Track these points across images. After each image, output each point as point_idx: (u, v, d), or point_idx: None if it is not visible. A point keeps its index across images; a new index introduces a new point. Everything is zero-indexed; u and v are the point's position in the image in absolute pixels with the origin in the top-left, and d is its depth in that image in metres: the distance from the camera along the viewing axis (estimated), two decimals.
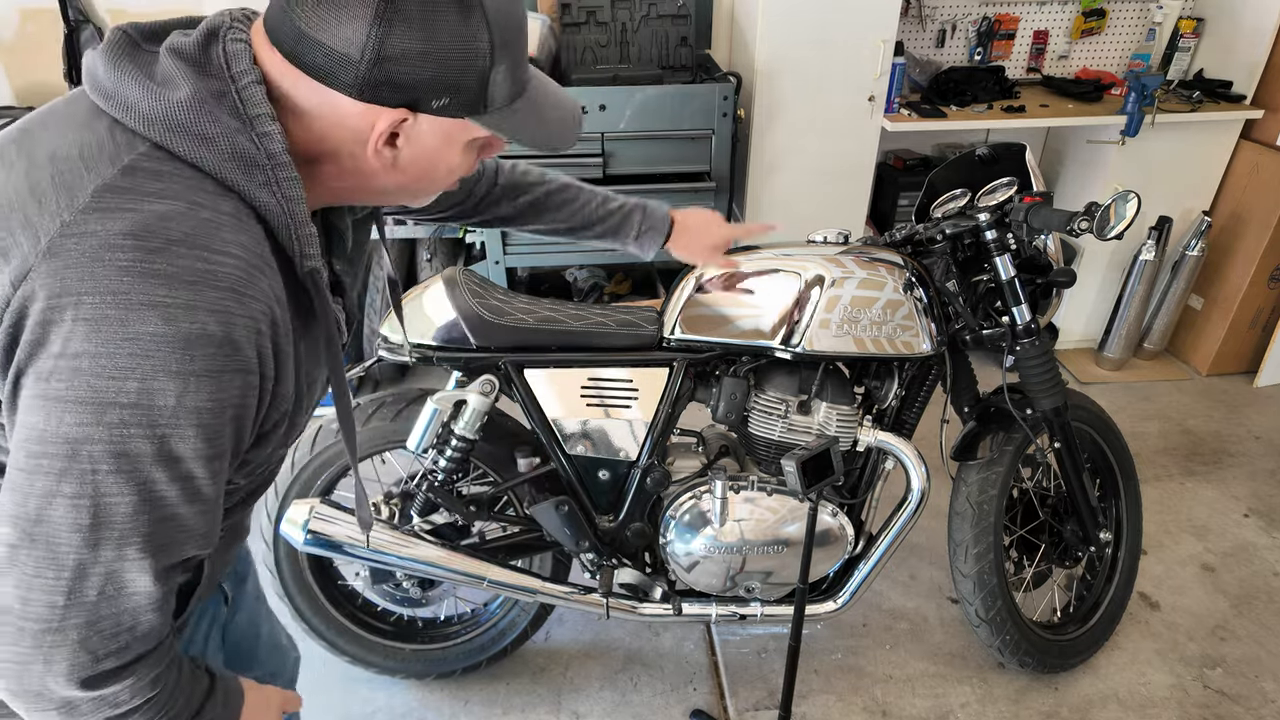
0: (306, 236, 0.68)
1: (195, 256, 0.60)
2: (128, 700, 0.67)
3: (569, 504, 1.62)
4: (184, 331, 0.59)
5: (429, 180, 0.76)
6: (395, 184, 0.75)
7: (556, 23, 2.63)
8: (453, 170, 0.76)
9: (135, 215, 0.60)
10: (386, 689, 1.92)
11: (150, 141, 0.63)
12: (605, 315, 1.61)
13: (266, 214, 0.66)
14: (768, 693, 1.93)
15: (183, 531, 0.66)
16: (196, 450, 0.63)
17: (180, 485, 0.63)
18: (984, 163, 1.67)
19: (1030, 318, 1.61)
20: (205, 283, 0.60)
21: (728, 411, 1.60)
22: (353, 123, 0.67)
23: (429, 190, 0.79)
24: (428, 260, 2.94)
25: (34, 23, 2.68)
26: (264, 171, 0.65)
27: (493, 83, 0.69)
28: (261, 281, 0.64)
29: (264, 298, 0.64)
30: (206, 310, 0.60)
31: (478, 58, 0.66)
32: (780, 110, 2.71)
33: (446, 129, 0.70)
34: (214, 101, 0.64)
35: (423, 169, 0.74)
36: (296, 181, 0.66)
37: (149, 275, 0.58)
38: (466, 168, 0.78)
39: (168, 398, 0.60)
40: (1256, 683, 1.96)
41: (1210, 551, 2.37)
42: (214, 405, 0.62)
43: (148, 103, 0.63)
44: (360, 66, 0.64)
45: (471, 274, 1.61)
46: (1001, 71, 3.06)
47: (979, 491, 1.78)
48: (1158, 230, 2.97)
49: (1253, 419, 2.98)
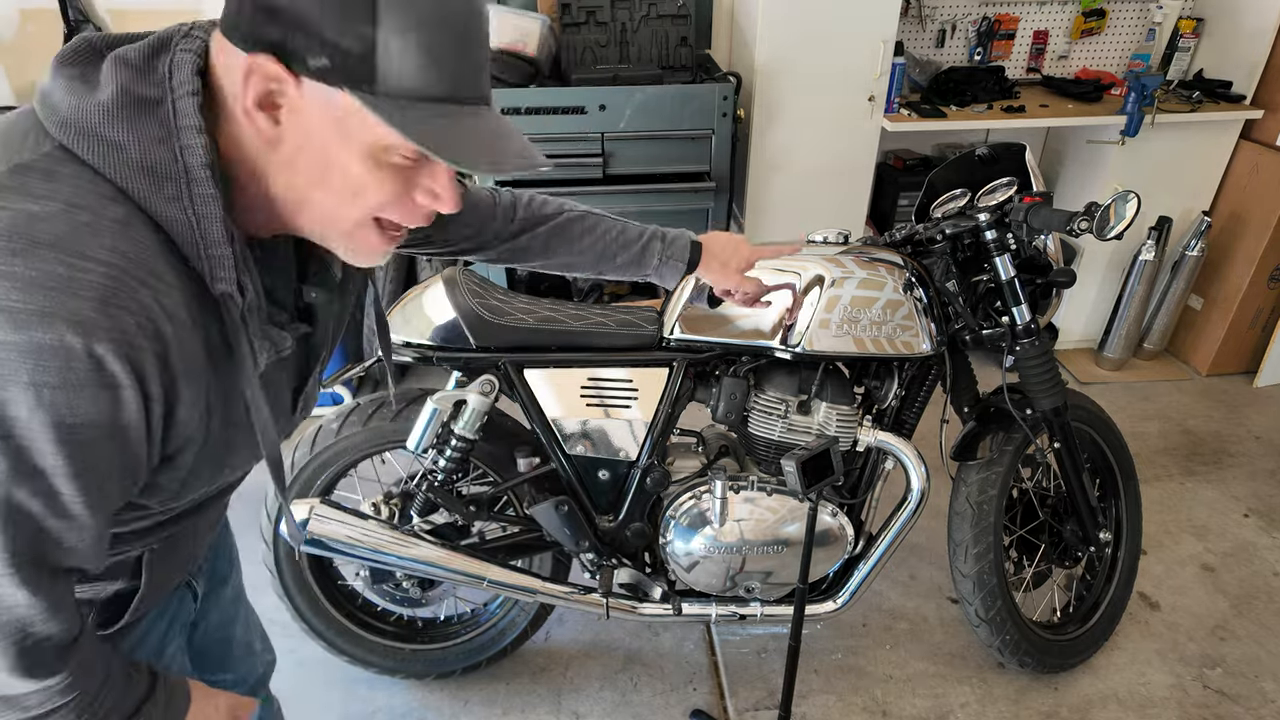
0: (217, 258, 0.64)
1: (60, 261, 0.56)
2: (36, 705, 0.67)
3: (569, 504, 1.62)
4: (35, 340, 0.55)
5: (326, 185, 0.67)
6: (291, 184, 0.67)
7: (556, 23, 2.63)
8: (358, 186, 0.66)
9: (5, 214, 0.57)
10: (386, 689, 1.92)
11: (58, 143, 0.61)
12: (605, 315, 1.61)
13: (172, 230, 0.63)
14: (768, 693, 1.93)
15: (56, 546, 0.63)
16: (58, 466, 0.60)
17: (44, 500, 0.61)
18: (984, 163, 1.67)
19: (1030, 318, 1.61)
20: (66, 290, 0.56)
21: (728, 411, 1.60)
22: (238, 77, 0.62)
23: (333, 208, 0.68)
24: (428, 260, 2.94)
25: (34, 23, 2.68)
26: (176, 185, 0.62)
27: (381, 52, 0.60)
28: (141, 294, 0.59)
29: (141, 311, 0.59)
30: (64, 320, 0.56)
31: (358, 9, 0.59)
32: (780, 110, 2.71)
33: (335, 110, 0.62)
34: (140, 108, 0.62)
35: (314, 164, 0.65)
36: (214, 199, 0.63)
37: (5, 278, 0.55)
38: (379, 192, 0.67)
39: (19, 408, 0.56)
40: (1256, 683, 1.96)
41: (1210, 551, 2.37)
42: (75, 421, 0.59)
43: (67, 105, 0.61)
44: (246, 7, 0.60)
45: (471, 274, 1.61)
46: (1001, 71, 3.06)
47: (979, 491, 1.78)
48: (1157, 230, 2.97)
49: (1253, 419, 2.98)
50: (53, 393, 0.57)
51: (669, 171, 2.59)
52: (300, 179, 0.66)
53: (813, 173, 2.83)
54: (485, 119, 0.68)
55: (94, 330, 0.57)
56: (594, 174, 2.54)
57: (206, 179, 0.62)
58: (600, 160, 2.52)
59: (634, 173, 2.57)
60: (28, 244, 0.56)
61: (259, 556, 1.73)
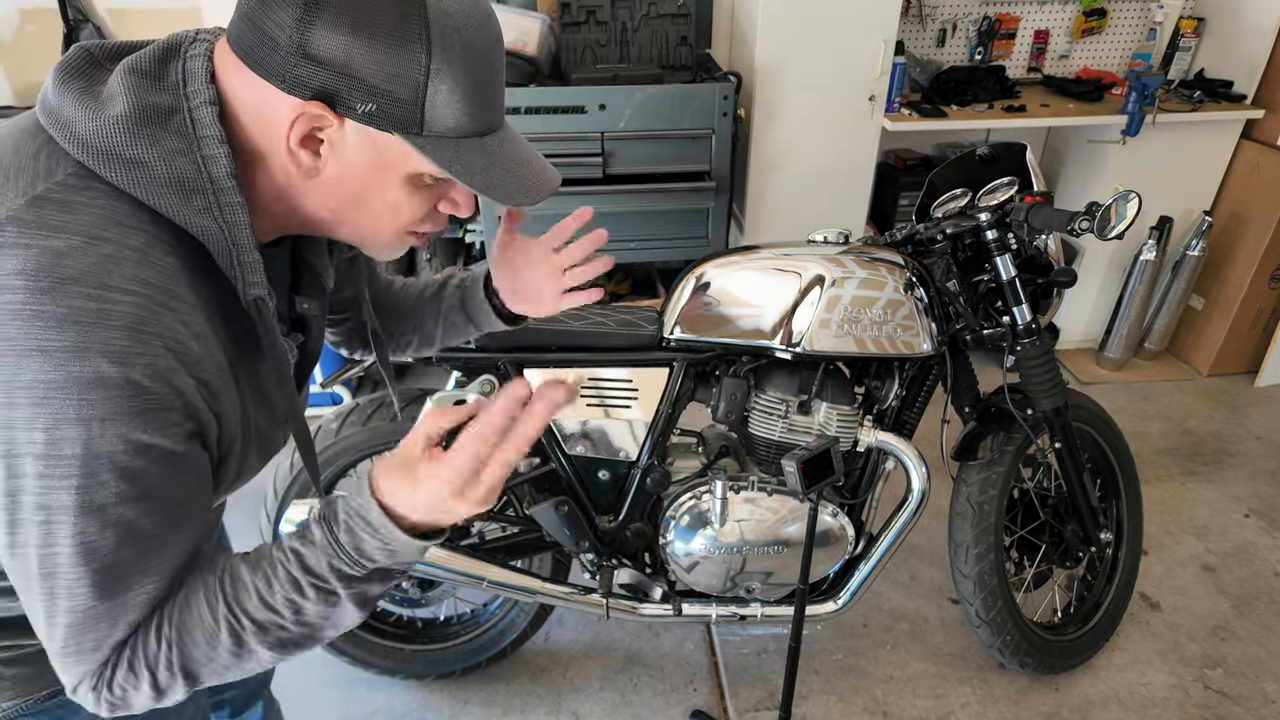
0: (250, 264, 0.66)
1: (88, 296, 0.57)
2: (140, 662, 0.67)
3: (569, 504, 1.62)
4: (75, 375, 0.56)
5: (365, 208, 0.70)
6: (327, 206, 0.70)
7: (556, 22, 2.63)
8: (396, 206, 0.70)
9: (29, 253, 0.57)
10: (386, 689, 1.92)
11: (78, 163, 0.61)
12: (605, 315, 1.61)
13: (206, 239, 0.64)
14: (768, 693, 1.93)
15: (133, 570, 0.64)
16: (120, 494, 0.60)
17: (115, 531, 0.61)
18: (984, 162, 1.66)
19: (1031, 318, 1.60)
20: (98, 324, 0.57)
21: (728, 411, 1.60)
22: (279, 115, 0.63)
23: (373, 227, 0.72)
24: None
25: (34, 23, 2.68)
26: (204, 196, 0.63)
27: (431, 101, 0.63)
28: (167, 318, 0.61)
29: (170, 334, 0.61)
30: (99, 352, 0.57)
31: (411, 65, 0.62)
32: (780, 110, 2.71)
33: (378, 146, 0.65)
34: (157, 120, 0.62)
35: (353, 191, 0.69)
36: (241, 207, 0.65)
37: (36, 317, 0.56)
38: (415, 210, 0.72)
39: (74, 446, 0.57)
40: (1257, 683, 1.96)
41: (1211, 552, 2.37)
42: (129, 447, 0.59)
43: (84, 122, 0.61)
44: (285, 48, 0.60)
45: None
46: (1002, 71, 3.06)
47: (979, 492, 1.77)
48: (1158, 230, 2.97)
49: (1253, 419, 2.98)
50: (102, 425, 0.58)
51: (669, 171, 2.59)
52: (339, 203, 0.70)
53: (813, 173, 2.83)
54: (509, 143, 0.72)
55: (128, 358, 0.58)
56: (594, 174, 2.54)
57: (233, 189, 0.64)
58: (600, 160, 2.52)
59: (634, 172, 2.57)
60: (55, 281, 0.57)
61: None
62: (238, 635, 0.68)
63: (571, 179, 2.54)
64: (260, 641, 0.69)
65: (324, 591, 0.69)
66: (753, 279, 1.54)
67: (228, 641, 0.68)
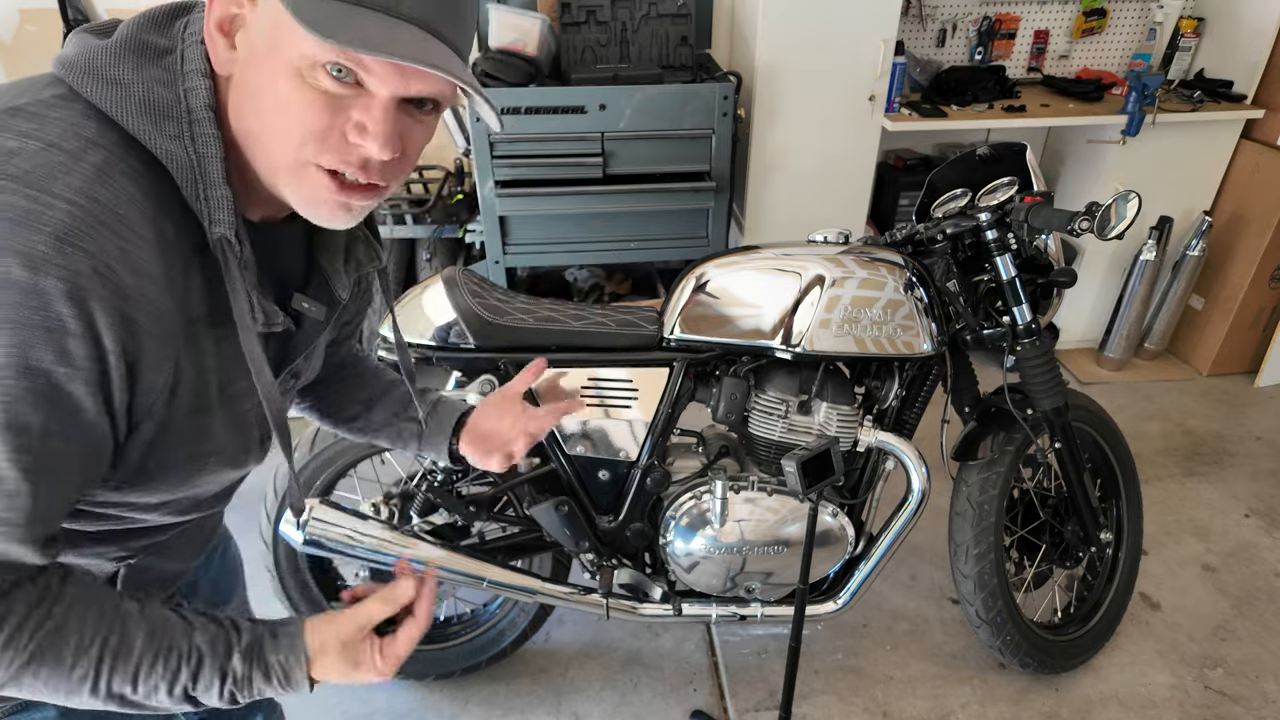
0: (217, 199, 0.63)
1: (22, 195, 0.55)
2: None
3: (569, 504, 1.62)
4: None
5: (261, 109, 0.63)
6: (239, 119, 0.65)
7: (556, 22, 2.63)
8: (284, 105, 0.61)
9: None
10: (386, 689, 1.92)
11: (67, 86, 0.62)
12: (605, 315, 1.61)
13: (172, 166, 0.62)
14: (768, 693, 1.93)
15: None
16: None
17: None
18: (984, 162, 1.66)
19: (1031, 318, 1.60)
20: (24, 223, 0.54)
21: (728, 411, 1.60)
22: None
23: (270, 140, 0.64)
24: (427, 260, 2.94)
25: (34, 23, 2.68)
26: (178, 124, 0.62)
27: None
28: (103, 238, 0.57)
29: (100, 255, 0.56)
30: (14, 251, 0.53)
31: None
32: (780, 110, 2.71)
33: (274, 19, 0.60)
34: (148, 54, 0.63)
35: (255, 90, 0.63)
36: (214, 139, 0.63)
37: None
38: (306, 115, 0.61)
39: None
40: (1257, 683, 1.96)
41: (1211, 552, 2.36)
42: (12, 363, 0.55)
43: (77, 48, 0.63)
44: None
45: (471, 274, 1.61)
46: (1002, 71, 3.06)
47: (979, 492, 1.77)
48: (1158, 230, 2.97)
49: (1254, 419, 2.98)
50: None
51: (669, 171, 2.58)
52: (247, 109, 0.64)
53: (813, 173, 2.83)
54: (411, 32, 0.61)
55: (43, 265, 0.54)
56: (594, 174, 2.54)
57: (209, 119, 0.63)
58: (600, 160, 2.52)
59: (634, 172, 2.57)
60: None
61: (259, 558, 1.73)
62: (86, 685, 0.65)
63: (572, 179, 2.54)
64: (97, 697, 0.66)
65: (188, 698, 0.69)
66: (753, 279, 1.54)
67: (74, 683, 0.65)
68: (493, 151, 2.48)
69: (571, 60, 2.66)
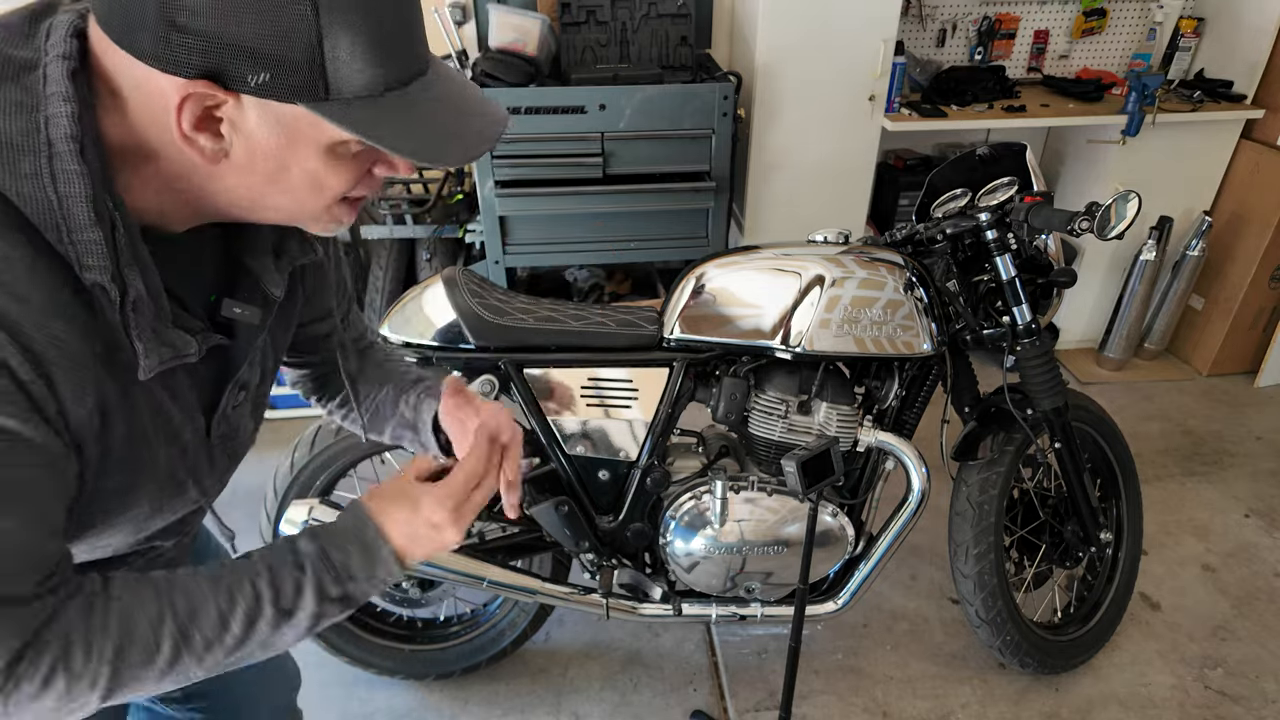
0: (84, 244, 0.56)
1: None
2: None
3: (569, 504, 1.62)
4: None
5: (284, 186, 0.62)
6: (243, 187, 0.62)
7: (556, 23, 2.63)
8: (318, 181, 0.62)
9: None
10: (386, 689, 1.92)
11: None
12: (605, 315, 1.61)
13: (31, 211, 0.55)
14: (768, 693, 1.93)
15: None
16: None
17: None
18: (984, 162, 1.66)
19: (1031, 318, 1.60)
20: None
21: (728, 411, 1.60)
22: (167, 101, 0.55)
23: (296, 204, 0.65)
24: (427, 260, 2.94)
25: None
26: (35, 159, 0.55)
27: (332, 59, 0.55)
28: None
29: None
30: None
31: (297, 22, 0.53)
32: (780, 110, 2.71)
33: (283, 120, 0.58)
34: (8, 73, 0.56)
35: (268, 171, 0.61)
36: (78, 177, 0.55)
37: None
38: (341, 181, 0.63)
39: None
40: (1257, 683, 1.96)
41: (1211, 552, 2.36)
42: None
43: None
44: (151, 21, 0.52)
45: (471, 274, 1.61)
46: (1002, 71, 3.06)
47: (979, 492, 1.77)
48: (1158, 230, 2.97)
49: (1254, 419, 2.98)
50: None
51: (669, 171, 2.58)
52: (255, 184, 0.62)
53: (813, 172, 2.83)
54: (439, 85, 0.63)
55: None
56: (594, 174, 2.54)
57: (71, 153, 0.55)
58: (600, 160, 2.52)
59: (634, 172, 2.57)
60: None
61: None
62: (182, 652, 0.64)
63: (572, 179, 2.54)
64: (200, 661, 0.65)
65: (283, 611, 0.68)
66: (753, 279, 1.55)
67: (168, 657, 0.63)
68: (493, 151, 2.48)
69: (571, 60, 2.66)
